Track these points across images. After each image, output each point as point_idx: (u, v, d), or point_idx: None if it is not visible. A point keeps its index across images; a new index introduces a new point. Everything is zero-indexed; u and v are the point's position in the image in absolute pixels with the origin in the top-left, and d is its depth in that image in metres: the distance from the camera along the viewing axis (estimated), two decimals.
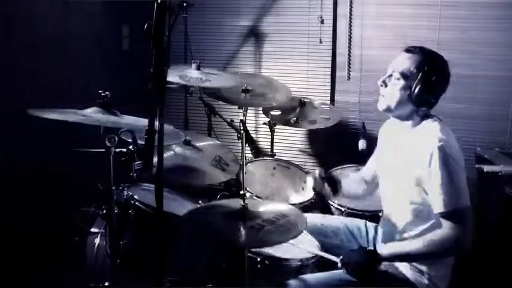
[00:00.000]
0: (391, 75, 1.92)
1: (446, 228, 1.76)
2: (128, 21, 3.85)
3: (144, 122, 1.43)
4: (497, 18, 3.20)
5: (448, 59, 1.92)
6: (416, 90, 1.85)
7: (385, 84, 1.94)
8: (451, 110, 3.20)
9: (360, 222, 2.26)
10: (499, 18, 3.20)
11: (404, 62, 1.89)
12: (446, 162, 1.76)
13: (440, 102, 1.93)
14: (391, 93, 1.91)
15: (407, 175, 1.89)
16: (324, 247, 2.10)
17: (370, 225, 2.23)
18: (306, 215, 2.01)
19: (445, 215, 1.76)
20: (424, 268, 1.89)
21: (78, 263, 2.39)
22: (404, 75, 1.88)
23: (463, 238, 1.75)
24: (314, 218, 2.27)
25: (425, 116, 1.92)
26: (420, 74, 1.84)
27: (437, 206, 1.77)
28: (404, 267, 1.92)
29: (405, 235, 1.93)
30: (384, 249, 1.87)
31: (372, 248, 1.90)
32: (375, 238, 2.16)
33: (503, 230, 2.52)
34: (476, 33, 3.25)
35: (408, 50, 1.91)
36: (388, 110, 1.95)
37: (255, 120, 3.82)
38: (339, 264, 1.89)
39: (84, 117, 1.70)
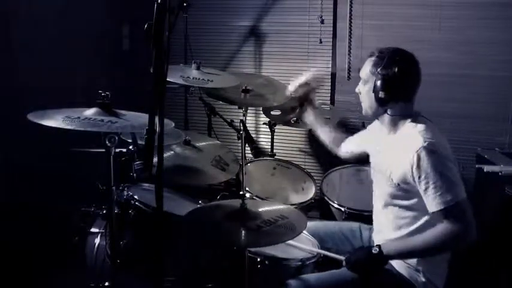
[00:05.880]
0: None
1: (446, 223, 1.75)
2: (127, 21, 3.85)
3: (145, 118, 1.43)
4: (497, 18, 3.20)
5: (448, 59, 1.91)
6: (375, 91, 1.88)
7: (359, 91, 2.01)
8: (451, 110, 3.20)
9: (354, 225, 2.26)
10: (499, 18, 3.20)
11: (366, 66, 1.95)
12: (435, 160, 1.75)
13: (440, 103, 1.93)
14: (363, 99, 1.99)
15: (390, 177, 1.89)
16: None
17: (365, 226, 2.23)
18: None
19: (442, 213, 1.75)
20: (420, 266, 1.88)
21: (78, 263, 2.38)
22: (365, 80, 1.95)
23: (465, 230, 1.73)
24: (309, 223, 2.27)
25: (409, 117, 1.91)
26: (377, 74, 1.87)
27: (433, 205, 1.76)
28: (400, 266, 1.92)
29: (395, 234, 1.93)
30: (387, 247, 1.86)
31: (377, 247, 1.87)
32: (369, 239, 2.16)
33: (503, 230, 2.52)
34: (476, 33, 3.25)
35: (371, 54, 1.95)
36: (368, 114, 2.00)
37: (255, 120, 3.83)
38: (344, 263, 1.89)
39: (87, 122, 1.70)
